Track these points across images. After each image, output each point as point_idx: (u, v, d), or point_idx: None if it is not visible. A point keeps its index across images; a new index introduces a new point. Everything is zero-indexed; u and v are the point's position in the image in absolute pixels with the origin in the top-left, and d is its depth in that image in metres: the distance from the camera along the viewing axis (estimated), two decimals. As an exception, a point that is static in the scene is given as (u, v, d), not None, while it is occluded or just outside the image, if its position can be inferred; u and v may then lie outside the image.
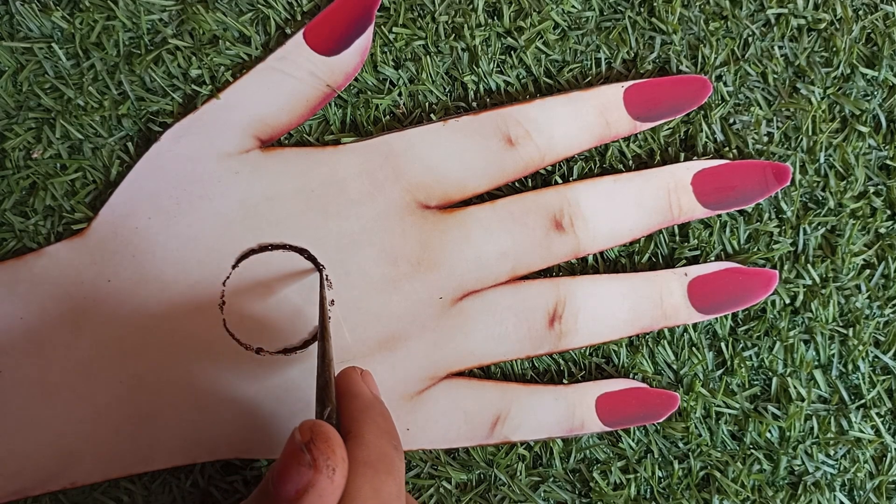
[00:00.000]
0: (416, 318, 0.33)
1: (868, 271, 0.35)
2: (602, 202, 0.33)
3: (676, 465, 0.34)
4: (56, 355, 0.31)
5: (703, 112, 0.34)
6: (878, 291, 0.35)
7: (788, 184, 0.34)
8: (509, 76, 0.34)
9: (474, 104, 0.34)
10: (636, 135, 0.34)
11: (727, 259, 0.34)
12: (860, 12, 0.35)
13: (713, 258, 0.34)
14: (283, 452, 0.23)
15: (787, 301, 0.35)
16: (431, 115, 0.34)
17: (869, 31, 0.35)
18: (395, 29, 0.33)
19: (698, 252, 0.34)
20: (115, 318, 0.31)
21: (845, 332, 0.35)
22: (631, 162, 0.34)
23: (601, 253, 0.34)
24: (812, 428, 0.35)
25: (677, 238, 0.35)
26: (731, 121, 0.35)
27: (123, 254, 0.31)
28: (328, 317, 0.30)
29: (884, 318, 0.35)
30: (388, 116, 0.34)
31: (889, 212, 0.35)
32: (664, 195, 0.33)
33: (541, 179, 0.34)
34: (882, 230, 0.35)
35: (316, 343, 0.32)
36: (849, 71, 0.35)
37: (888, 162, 0.35)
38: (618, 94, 0.33)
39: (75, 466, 0.31)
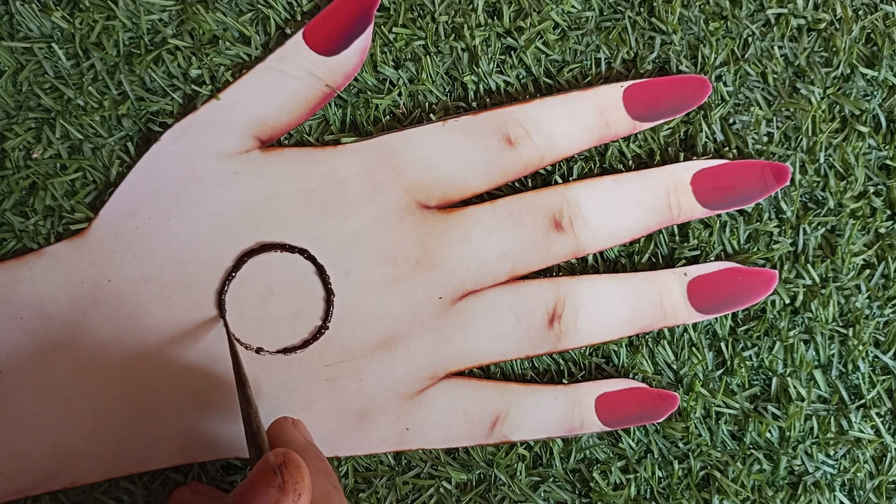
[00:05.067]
0: (415, 317, 0.33)
1: (868, 271, 0.35)
2: (602, 202, 0.33)
3: (676, 465, 0.34)
4: (56, 355, 0.31)
5: (702, 112, 0.34)
6: (878, 291, 0.35)
7: (788, 184, 0.34)
8: (509, 76, 0.34)
9: (474, 104, 0.34)
10: (636, 135, 0.34)
11: (727, 259, 0.34)
12: (860, 12, 0.35)
13: (713, 258, 0.34)
14: (253, 471, 0.24)
15: (787, 301, 0.35)
16: (431, 115, 0.34)
17: (869, 31, 0.35)
18: (395, 29, 0.33)
19: (698, 252, 0.34)
20: (115, 318, 0.31)
21: (845, 332, 0.35)
22: (631, 162, 0.34)
23: (601, 253, 0.34)
24: (812, 428, 0.35)
25: (677, 238, 0.35)
26: (731, 121, 0.35)
27: (123, 254, 0.31)
28: (242, 365, 0.30)
29: (884, 318, 0.35)
30: (387, 116, 0.34)
31: (889, 212, 0.35)
32: (664, 195, 0.33)
33: (540, 179, 0.34)
34: (882, 230, 0.35)
35: (308, 344, 0.32)
36: (849, 71, 0.35)
37: (888, 162, 0.35)
38: (617, 94, 0.33)
39: (75, 466, 0.31)
